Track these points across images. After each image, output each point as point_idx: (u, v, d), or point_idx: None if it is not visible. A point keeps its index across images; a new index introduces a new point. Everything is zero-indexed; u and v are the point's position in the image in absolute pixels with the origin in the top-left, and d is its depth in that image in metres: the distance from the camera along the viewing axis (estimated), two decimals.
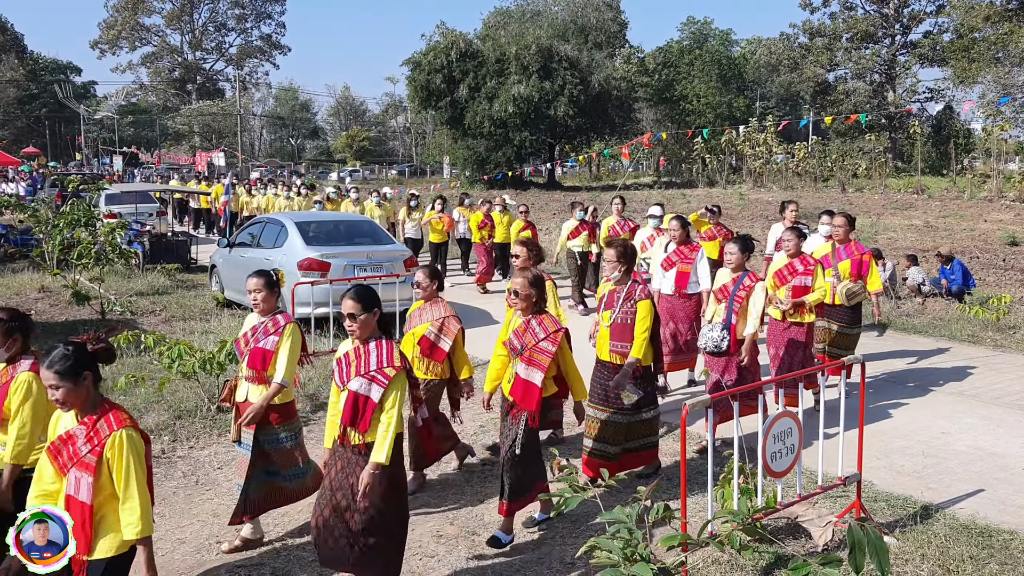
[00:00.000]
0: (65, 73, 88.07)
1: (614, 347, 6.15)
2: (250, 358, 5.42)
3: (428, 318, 6.35)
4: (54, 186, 27.94)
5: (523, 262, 6.89)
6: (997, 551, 5.21)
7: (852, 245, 8.60)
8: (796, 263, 7.76)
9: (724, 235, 11.12)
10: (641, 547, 3.27)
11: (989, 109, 44.18)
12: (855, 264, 8.47)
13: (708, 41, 62.18)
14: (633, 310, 6.04)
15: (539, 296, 5.54)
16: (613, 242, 6.27)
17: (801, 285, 7.66)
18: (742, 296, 6.88)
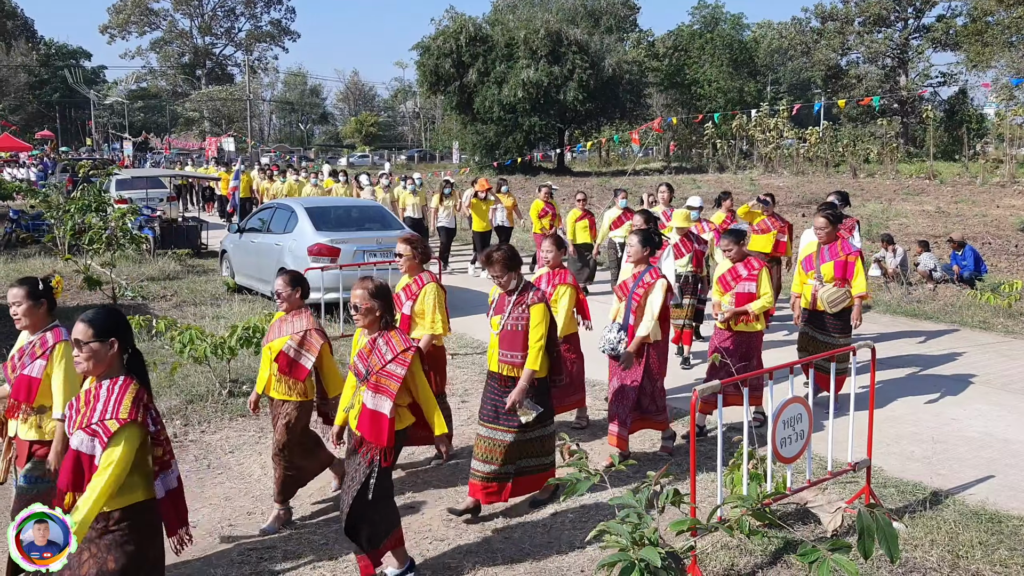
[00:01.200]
0: (75, 58, 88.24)
1: (503, 357, 5.49)
2: (14, 387, 4.52)
3: (288, 331, 5.57)
4: (65, 171, 28.03)
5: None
6: (1007, 537, 5.21)
7: (838, 244, 7.62)
8: (740, 267, 7.11)
9: (780, 227, 10.58)
10: (650, 531, 3.28)
11: (1003, 93, 43.84)
12: (839, 266, 7.50)
13: (719, 25, 61.78)
14: (525, 316, 5.40)
15: (384, 309, 4.72)
16: (492, 256, 5.43)
17: (745, 292, 7.01)
18: (640, 294, 6.35)
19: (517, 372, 5.43)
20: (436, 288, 6.26)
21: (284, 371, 5.49)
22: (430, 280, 6.29)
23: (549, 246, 6.79)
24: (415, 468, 6.51)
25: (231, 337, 7.90)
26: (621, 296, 6.54)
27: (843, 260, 7.50)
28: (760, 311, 6.98)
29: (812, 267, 7.64)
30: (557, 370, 5.67)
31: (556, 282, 6.79)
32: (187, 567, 5.05)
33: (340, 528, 4.72)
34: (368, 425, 4.59)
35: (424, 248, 6.41)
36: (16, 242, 18.57)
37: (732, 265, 7.13)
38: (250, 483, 6.27)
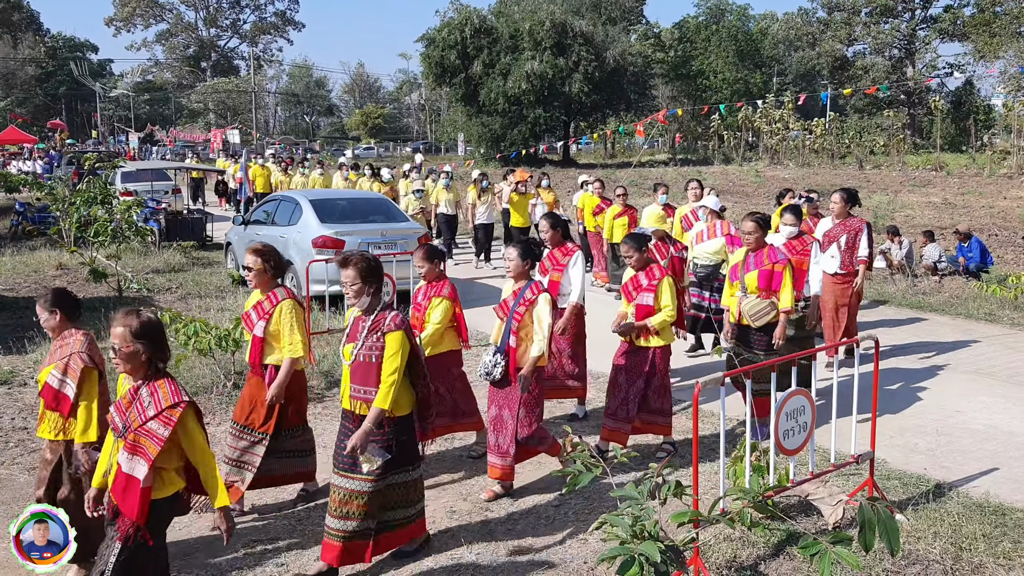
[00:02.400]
0: (81, 51, 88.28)
1: (355, 392, 4.72)
2: None
3: (56, 357, 4.70)
4: (71, 164, 28.09)
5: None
6: (1011, 529, 5.20)
7: (765, 252, 6.84)
8: (641, 276, 6.51)
9: None
10: (651, 524, 3.29)
11: (1010, 84, 43.62)
12: (764, 276, 6.75)
13: (725, 16, 61.58)
14: (380, 344, 4.62)
15: (152, 351, 3.85)
16: (349, 259, 4.69)
17: (645, 304, 6.43)
18: (521, 312, 5.70)
19: (365, 408, 4.69)
20: (293, 305, 5.56)
21: (51, 405, 4.65)
22: (286, 296, 5.58)
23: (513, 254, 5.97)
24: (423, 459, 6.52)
25: (235, 329, 7.93)
26: (501, 316, 5.90)
27: (768, 269, 6.77)
28: (660, 326, 6.37)
29: (737, 277, 6.94)
30: (425, 407, 4.90)
31: (431, 294, 6.29)
32: (191, 558, 5.08)
33: None
34: (121, 491, 3.77)
35: (277, 260, 5.67)
36: (22, 234, 18.64)
37: (634, 274, 6.56)
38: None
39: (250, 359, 5.59)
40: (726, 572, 4.74)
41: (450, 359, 6.46)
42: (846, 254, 8.61)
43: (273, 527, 5.50)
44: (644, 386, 6.41)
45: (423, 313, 6.29)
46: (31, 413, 7.55)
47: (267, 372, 5.52)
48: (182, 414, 3.79)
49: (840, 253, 8.62)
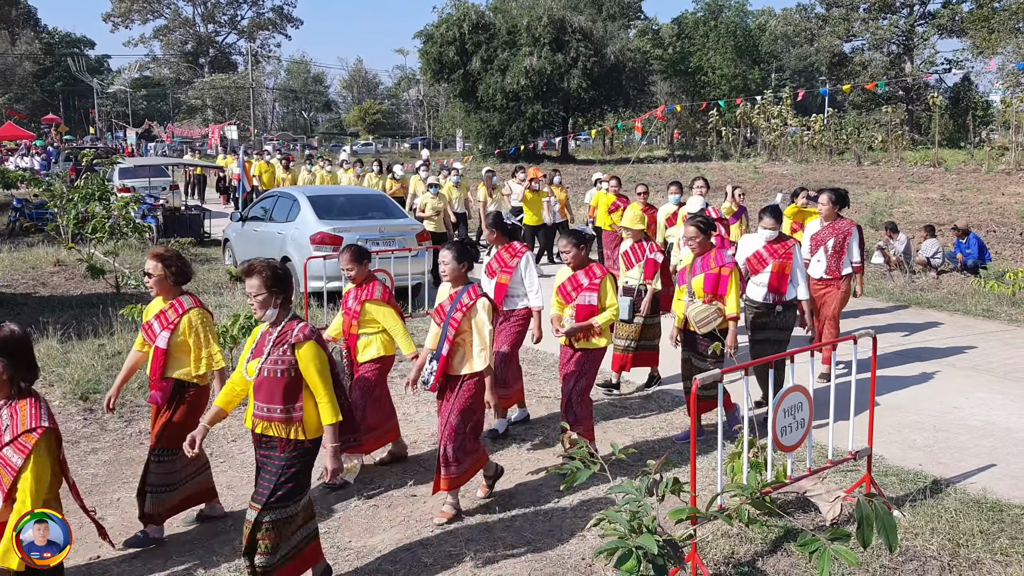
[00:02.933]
0: (79, 47, 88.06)
1: (259, 411, 4.30)
2: None
3: None
4: (68, 160, 28.05)
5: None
6: (1008, 526, 5.21)
7: (712, 255, 6.62)
8: (580, 276, 6.25)
9: None
10: (648, 520, 3.29)
11: (1008, 80, 43.61)
12: (710, 280, 6.52)
13: (724, 12, 61.52)
14: (286, 359, 4.23)
15: (13, 370, 3.53)
16: (253, 267, 4.31)
17: (586, 304, 6.18)
18: (458, 319, 5.33)
19: (275, 430, 4.29)
20: (202, 314, 5.18)
21: None
22: (192, 305, 5.17)
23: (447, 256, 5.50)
24: (417, 456, 6.53)
25: (233, 326, 7.91)
26: (438, 321, 5.51)
27: (715, 273, 6.52)
28: (606, 324, 6.16)
29: (684, 281, 6.73)
30: (349, 420, 4.50)
31: (363, 298, 6.03)
32: (191, 555, 5.08)
33: None
34: None
35: (180, 266, 5.21)
36: (20, 231, 18.61)
37: (572, 273, 6.27)
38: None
39: (151, 372, 5.12)
40: (724, 568, 4.74)
41: (384, 366, 6.16)
42: (833, 258, 8.10)
43: None
44: (568, 395, 6.19)
45: (355, 318, 6.03)
46: None
47: (165, 386, 5.11)
48: (38, 441, 3.43)
49: (827, 257, 8.12)
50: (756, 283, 7.17)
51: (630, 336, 7.87)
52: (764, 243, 7.19)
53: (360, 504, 5.72)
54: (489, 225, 7.04)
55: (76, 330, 9.83)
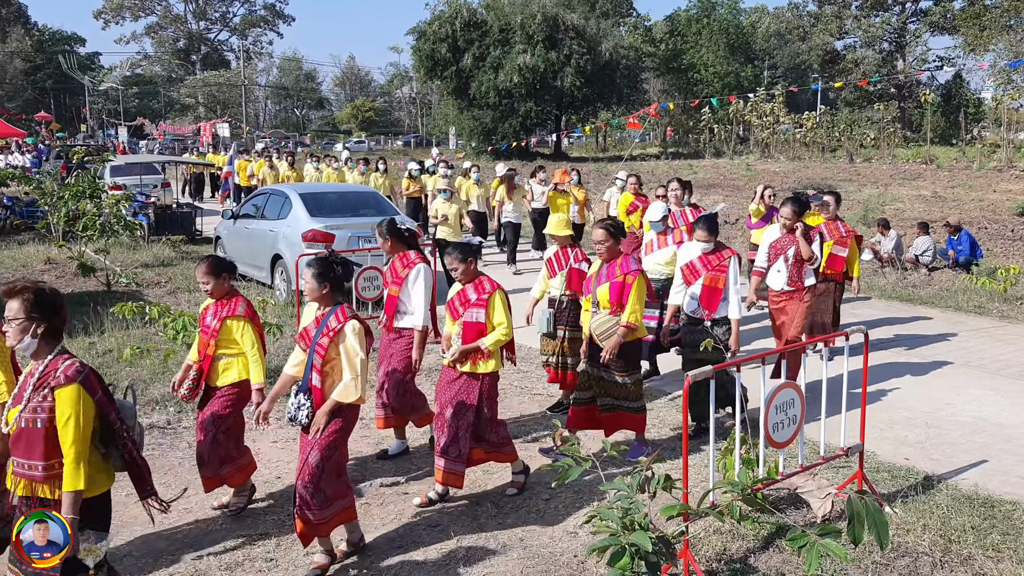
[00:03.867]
0: (70, 44, 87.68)
1: (18, 468, 3.70)
2: None
3: None
4: (59, 158, 27.91)
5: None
6: (999, 521, 5.22)
7: (618, 263, 6.16)
8: (469, 290, 5.64)
9: (840, 238, 8.76)
10: (640, 517, 3.28)
11: (1000, 77, 43.76)
12: (615, 289, 6.06)
13: (716, 10, 61.58)
14: (47, 404, 3.62)
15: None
16: (14, 288, 3.73)
17: (473, 321, 5.57)
18: (324, 344, 4.70)
19: (34, 490, 3.69)
20: None
21: None
22: None
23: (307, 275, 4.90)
24: (410, 455, 6.51)
25: None
26: (303, 347, 4.88)
27: (620, 282, 6.07)
28: (495, 346, 5.53)
29: (589, 291, 6.28)
30: (137, 473, 3.96)
31: (223, 315, 5.40)
32: (181, 553, 5.05)
33: None
34: None
35: None
36: (10, 229, 18.52)
37: (461, 288, 5.69)
38: None
39: None
40: (716, 565, 4.74)
41: (244, 391, 5.50)
42: (794, 268, 7.50)
43: (263, 522, 5.47)
44: (475, 418, 5.57)
45: (213, 336, 5.37)
46: None
47: None
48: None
49: (787, 267, 7.53)
50: (690, 295, 6.80)
51: (555, 351, 7.20)
52: (699, 254, 6.77)
53: (356, 500, 5.69)
54: (383, 232, 6.46)
55: (67, 328, 9.76)
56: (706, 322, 6.69)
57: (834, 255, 8.68)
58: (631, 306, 5.99)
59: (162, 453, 6.52)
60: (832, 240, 8.69)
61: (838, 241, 8.73)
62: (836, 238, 8.73)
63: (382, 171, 17.77)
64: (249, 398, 5.48)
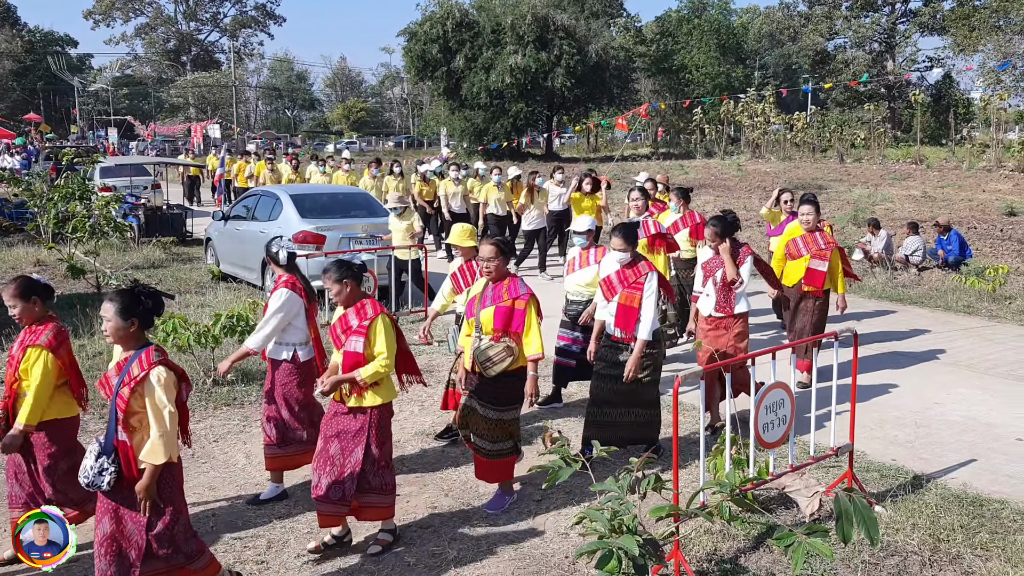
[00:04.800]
0: (60, 45, 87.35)
1: None
2: None
3: None
4: (48, 159, 27.79)
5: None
6: (988, 520, 5.25)
7: (506, 284, 5.42)
8: (351, 315, 5.00)
9: (818, 250, 7.84)
10: (629, 519, 3.28)
11: (989, 78, 43.97)
12: (501, 314, 5.31)
13: (707, 10, 61.73)
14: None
15: None
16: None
17: (352, 350, 4.92)
18: (126, 395, 3.99)
19: None
20: None
21: None
22: None
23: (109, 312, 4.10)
24: (401, 456, 6.50)
25: (215, 326, 7.87)
26: (105, 394, 4.16)
27: (507, 306, 5.32)
28: (372, 378, 4.88)
29: (472, 314, 5.52)
30: None
31: (28, 342, 4.80)
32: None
33: None
34: None
35: None
36: None
37: (343, 312, 5.08)
38: (234, 472, 6.25)
39: None
40: (707, 565, 4.75)
41: (59, 431, 4.88)
42: (721, 292, 6.76)
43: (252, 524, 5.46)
44: (362, 458, 4.94)
45: (15, 368, 4.75)
46: None
47: None
48: None
49: (716, 291, 6.79)
50: (608, 312, 6.19)
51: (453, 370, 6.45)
52: (618, 267, 6.15)
53: None
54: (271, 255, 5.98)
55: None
56: (626, 345, 6.03)
57: (812, 270, 7.78)
58: (531, 337, 5.31)
59: None
60: (808, 253, 7.82)
61: (815, 254, 7.79)
62: (814, 251, 7.82)
63: (397, 173, 16.86)
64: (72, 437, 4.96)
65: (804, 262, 7.85)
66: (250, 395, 7.82)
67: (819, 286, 7.81)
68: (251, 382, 8.11)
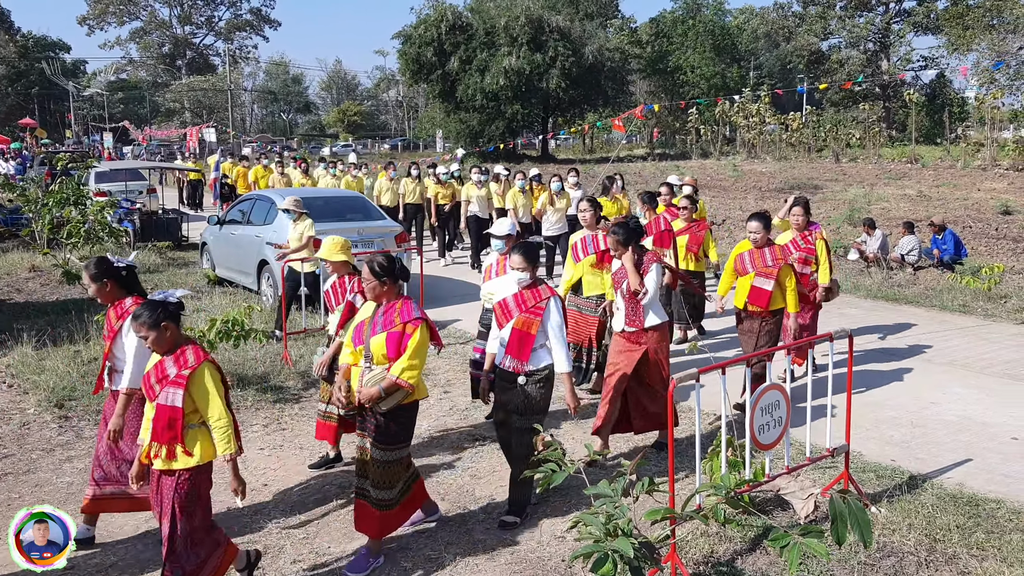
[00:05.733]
0: (54, 50, 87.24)
1: None
2: None
3: None
4: (43, 164, 27.76)
5: None
6: (984, 520, 5.25)
7: (398, 308, 4.84)
8: (168, 363, 4.33)
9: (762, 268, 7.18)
10: (624, 522, 3.28)
11: (983, 77, 44.04)
12: (393, 340, 4.75)
13: (701, 11, 61.75)
14: None
15: None
16: None
17: (168, 404, 4.26)
18: None
19: None
20: None
21: None
22: None
23: None
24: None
25: (210, 331, 7.85)
26: None
27: (399, 332, 4.76)
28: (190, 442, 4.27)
29: (361, 340, 4.91)
30: None
31: None
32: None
33: None
34: None
35: None
36: None
37: (160, 358, 4.39)
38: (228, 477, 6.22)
39: None
40: (703, 568, 4.75)
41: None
42: (629, 305, 6.19)
43: (249, 530, 5.45)
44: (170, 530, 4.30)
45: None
46: (1, 418, 7.45)
47: None
48: None
49: (625, 303, 6.25)
50: (500, 341, 5.44)
51: (329, 399, 6.02)
52: (517, 290, 5.37)
53: (339, 509, 5.69)
54: (94, 275, 5.20)
55: (51, 336, 9.72)
56: (519, 377, 5.23)
57: (757, 288, 7.11)
58: (407, 360, 4.67)
59: None
60: (754, 271, 7.13)
61: (761, 272, 7.08)
62: (760, 268, 7.09)
63: (414, 176, 16.27)
64: None
65: (749, 280, 7.18)
66: (246, 400, 7.81)
67: (763, 306, 7.11)
68: (247, 387, 8.10)
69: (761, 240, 7.18)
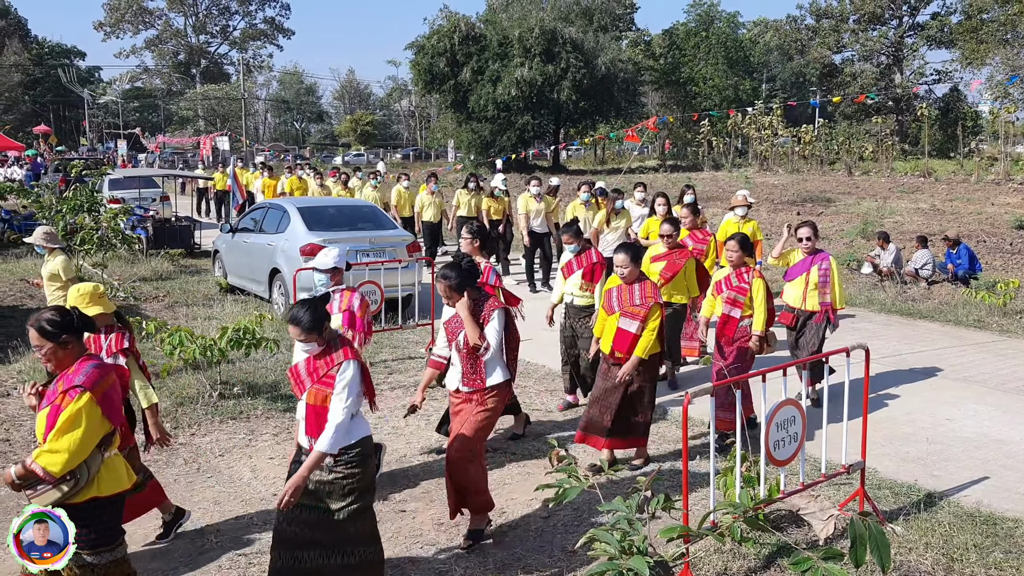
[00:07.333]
0: (69, 57, 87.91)
1: None
2: None
3: None
4: (58, 171, 27.92)
5: None
6: (1002, 539, 5.17)
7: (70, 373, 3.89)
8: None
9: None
10: (639, 539, 3.23)
11: (997, 91, 43.90)
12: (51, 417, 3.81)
13: (715, 23, 61.78)
14: None
15: None
16: None
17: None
18: None
19: None
20: None
21: None
22: None
23: None
24: (407, 471, 6.46)
25: (221, 339, 7.84)
26: None
27: (58, 405, 3.83)
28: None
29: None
30: None
31: None
32: (174, 573, 5.00)
33: None
34: None
35: None
36: (7, 242, 18.47)
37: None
38: (239, 487, 6.21)
39: None
40: None
41: None
42: (466, 360, 5.27)
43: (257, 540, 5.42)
44: None
45: None
46: (12, 424, 7.45)
47: None
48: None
49: (461, 359, 5.30)
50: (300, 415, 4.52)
51: None
52: (305, 355, 4.45)
53: None
54: None
55: None
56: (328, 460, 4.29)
57: (621, 330, 6.26)
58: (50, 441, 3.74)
59: (158, 470, 6.45)
60: (619, 310, 6.29)
61: (626, 312, 6.23)
62: (626, 307, 6.24)
63: (472, 188, 15.23)
64: None
65: (615, 320, 6.31)
66: (256, 408, 7.79)
67: (625, 352, 6.21)
68: (257, 395, 8.08)
69: (630, 276, 6.28)
